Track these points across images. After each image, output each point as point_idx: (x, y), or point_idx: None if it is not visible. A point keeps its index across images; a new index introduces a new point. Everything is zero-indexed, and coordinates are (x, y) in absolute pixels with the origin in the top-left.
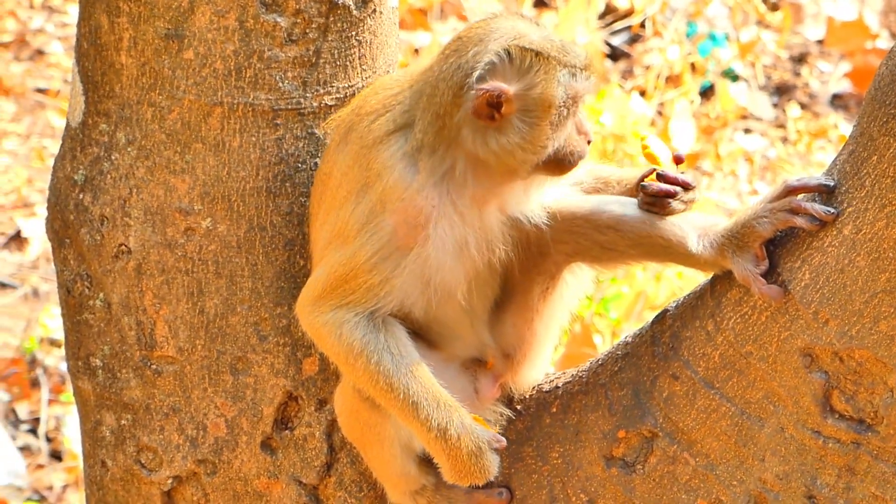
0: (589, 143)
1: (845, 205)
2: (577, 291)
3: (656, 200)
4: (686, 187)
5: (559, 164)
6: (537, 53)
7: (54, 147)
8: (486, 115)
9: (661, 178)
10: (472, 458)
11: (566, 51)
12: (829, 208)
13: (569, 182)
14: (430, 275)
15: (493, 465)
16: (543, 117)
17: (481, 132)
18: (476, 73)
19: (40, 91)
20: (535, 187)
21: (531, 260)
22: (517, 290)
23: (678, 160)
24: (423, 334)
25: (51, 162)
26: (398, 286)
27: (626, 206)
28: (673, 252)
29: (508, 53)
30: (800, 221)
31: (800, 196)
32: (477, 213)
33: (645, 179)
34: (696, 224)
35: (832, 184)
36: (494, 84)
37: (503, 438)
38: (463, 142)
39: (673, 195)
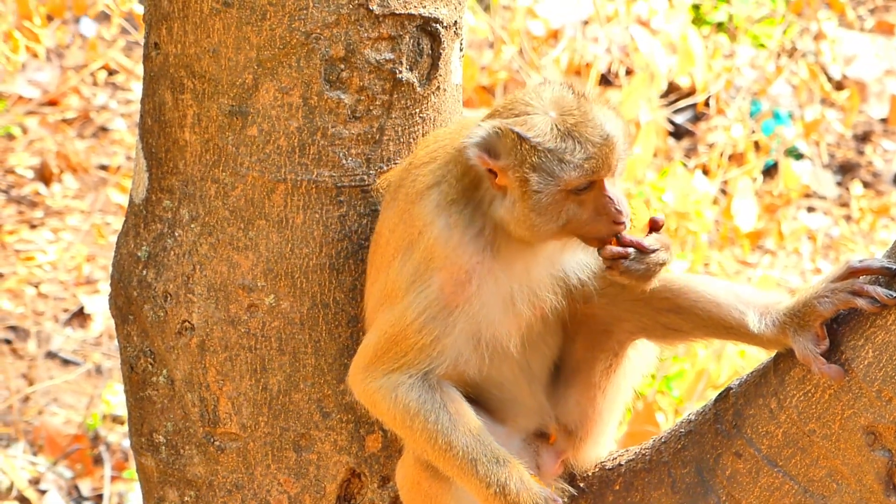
0: (619, 223)
1: None
2: (641, 368)
3: (613, 264)
4: (641, 249)
5: (584, 239)
6: (520, 137)
7: (116, 224)
8: (492, 180)
9: (618, 240)
10: None
11: (569, 137)
12: (891, 292)
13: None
14: (481, 331)
15: None
16: (523, 199)
17: (495, 196)
18: (472, 141)
19: (103, 168)
20: (569, 249)
21: (595, 337)
22: (581, 366)
23: (653, 224)
24: (482, 402)
25: (113, 238)
26: (450, 345)
27: (688, 289)
28: (735, 332)
29: (498, 132)
30: (861, 303)
31: (862, 278)
32: (522, 264)
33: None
34: (757, 303)
35: (895, 267)
36: (479, 153)
37: (559, 498)
38: (482, 201)
39: (625, 256)
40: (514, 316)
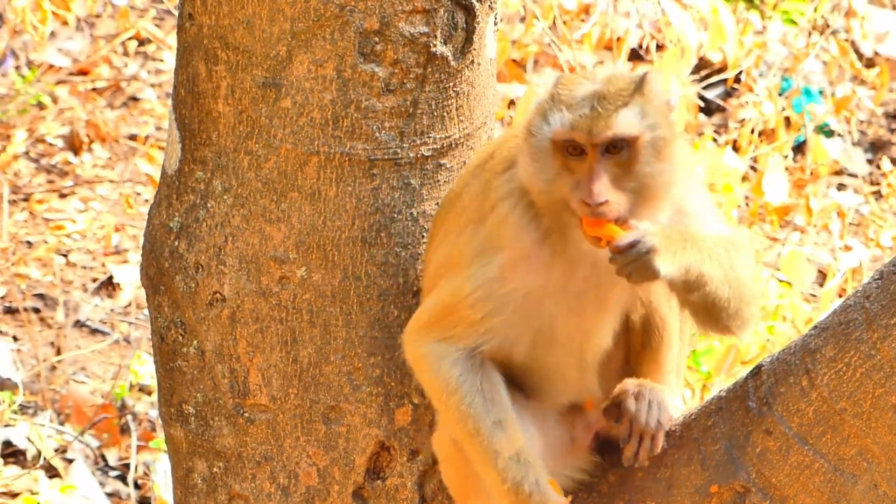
0: (587, 204)
1: None
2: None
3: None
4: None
5: (569, 209)
6: (535, 90)
7: (146, 194)
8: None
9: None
10: None
11: (564, 91)
12: None
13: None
14: (532, 316)
15: None
16: (526, 145)
17: None
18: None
19: (133, 138)
20: (574, 229)
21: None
22: (639, 357)
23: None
24: (524, 380)
25: (142, 208)
26: (499, 325)
27: None
28: None
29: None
30: None
31: None
32: (584, 255)
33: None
34: None
35: None
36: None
37: None
38: None
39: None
40: (569, 305)
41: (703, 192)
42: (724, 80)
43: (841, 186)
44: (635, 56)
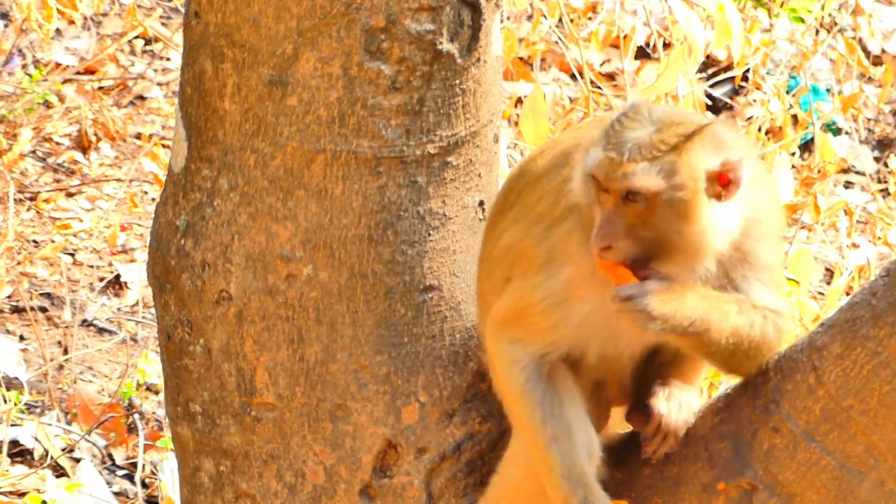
0: (593, 244)
1: None
2: None
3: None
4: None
5: None
6: (609, 123)
7: (153, 192)
8: None
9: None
10: None
11: (610, 132)
12: None
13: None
14: (596, 330)
15: None
16: (580, 161)
17: None
18: None
19: (140, 137)
20: None
21: None
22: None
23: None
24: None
25: (149, 207)
26: (565, 336)
27: None
28: None
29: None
30: None
31: None
32: None
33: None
34: None
35: None
36: None
37: None
38: None
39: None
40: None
41: (771, 248)
42: (732, 78)
43: (848, 184)
44: (643, 54)
